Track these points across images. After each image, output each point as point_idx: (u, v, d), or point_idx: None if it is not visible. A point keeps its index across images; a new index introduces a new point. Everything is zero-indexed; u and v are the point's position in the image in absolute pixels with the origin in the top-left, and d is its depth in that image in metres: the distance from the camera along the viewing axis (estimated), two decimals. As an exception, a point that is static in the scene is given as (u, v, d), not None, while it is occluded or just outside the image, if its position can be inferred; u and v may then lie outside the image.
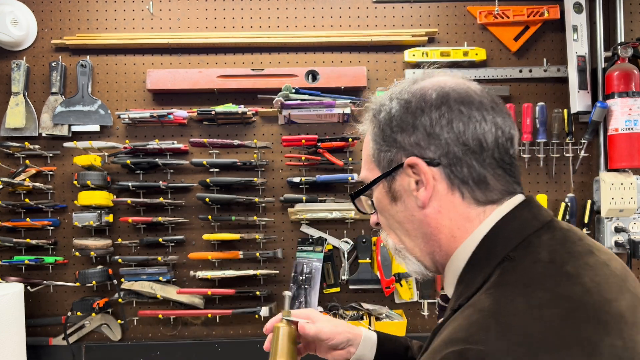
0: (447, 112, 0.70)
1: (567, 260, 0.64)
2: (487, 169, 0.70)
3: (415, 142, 0.72)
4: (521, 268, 0.64)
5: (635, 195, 1.93)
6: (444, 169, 0.71)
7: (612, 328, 0.58)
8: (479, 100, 0.72)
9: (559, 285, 0.61)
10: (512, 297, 0.60)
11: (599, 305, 0.59)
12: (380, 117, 0.77)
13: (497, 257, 0.67)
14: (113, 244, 1.98)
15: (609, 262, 0.68)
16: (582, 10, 1.99)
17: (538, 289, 0.60)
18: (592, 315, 0.58)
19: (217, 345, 1.98)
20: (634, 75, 1.89)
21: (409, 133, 0.72)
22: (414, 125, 0.72)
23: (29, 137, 1.97)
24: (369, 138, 0.80)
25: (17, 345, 1.72)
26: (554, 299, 0.59)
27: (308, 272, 1.96)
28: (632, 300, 0.63)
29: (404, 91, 0.76)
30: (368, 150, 0.79)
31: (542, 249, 0.66)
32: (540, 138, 1.99)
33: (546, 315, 0.57)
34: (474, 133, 0.70)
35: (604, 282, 0.63)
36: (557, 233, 0.69)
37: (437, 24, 2.06)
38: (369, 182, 0.78)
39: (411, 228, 0.76)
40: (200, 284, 2.01)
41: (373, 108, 0.79)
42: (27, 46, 2.01)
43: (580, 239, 0.70)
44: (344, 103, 1.90)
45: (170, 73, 1.96)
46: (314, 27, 2.05)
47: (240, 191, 2.00)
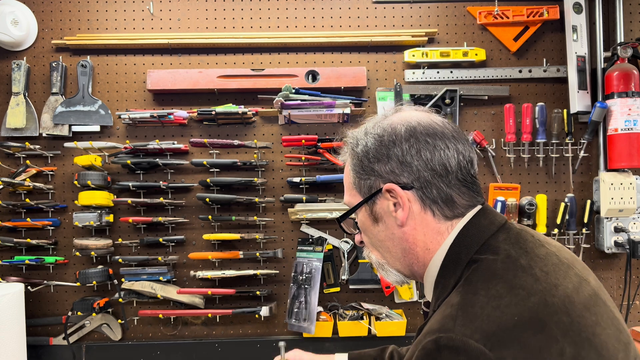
0: (415, 143, 0.82)
1: (520, 255, 0.76)
2: (453, 188, 0.83)
3: (391, 170, 0.83)
4: (483, 267, 0.76)
5: (634, 195, 1.93)
6: (417, 192, 0.83)
7: (559, 307, 0.68)
8: (441, 131, 0.84)
9: (515, 277, 0.72)
10: (475, 291, 0.72)
11: (547, 290, 0.70)
12: (358, 150, 0.88)
13: (463, 261, 0.79)
14: (113, 244, 1.98)
15: (558, 252, 0.80)
16: (582, 10, 1.99)
17: (497, 282, 0.72)
18: (541, 299, 0.69)
19: (218, 345, 1.98)
20: (634, 75, 1.89)
21: (384, 163, 0.84)
22: (388, 155, 0.83)
23: (29, 137, 1.98)
24: (349, 168, 0.91)
25: (18, 345, 1.72)
26: (510, 288, 0.70)
27: (308, 272, 1.96)
28: (578, 283, 0.74)
29: (377, 126, 0.87)
30: (349, 178, 0.91)
31: (499, 248, 0.77)
32: (540, 138, 2.00)
33: (503, 303, 0.68)
34: (439, 159, 0.82)
35: (552, 271, 0.74)
36: (511, 233, 0.81)
37: (437, 24, 2.06)
38: (353, 206, 0.90)
39: (392, 245, 0.88)
40: (200, 283, 2.01)
41: (351, 142, 0.91)
42: (28, 46, 2.01)
43: (532, 236, 0.82)
44: (344, 103, 1.91)
45: (171, 73, 1.96)
46: (314, 27, 2.05)
47: (240, 191, 2.00)
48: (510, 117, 1.98)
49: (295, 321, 1.92)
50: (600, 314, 0.72)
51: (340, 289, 2.02)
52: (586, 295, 0.73)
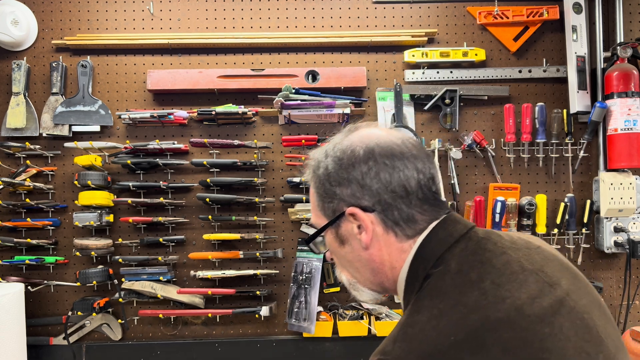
0: (374, 165, 0.81)
1: (473, 267, 0.74)
2: (414, 208, 0.82)
3: (352, 193, 0.82)
4: (433, 283, 0.75)
5: (634, 195, 1.93)
6: (379, 214, 0.82)
7: (503, 323, 0.66)
8: (400, 151, 0.83)
9: (460, 294, 0.71)
10: (419, 310, 0.72)
11: (492, 304, 0.68)
12: (319, 172, 0.87)
13: (420, 277, 0.79)
14: (113, 244, 1.98)
15: (523, 258, 0.77)
16: (582, 10, 1.99)
17: (442, 299, 0.71)
18: (482, 316, 0.67)
19: (218, 345, 1.99)
20: (633, 75, 1.89)
21: (345, 186, 0.83)
22: (348, 179, 0.82)
23: (29, 137, 1.98)
24: (313, 190, 0.90)
25: (18, 345, 1.72)
26: (452, 306, 0.69)
27: (308, 271, 1.96)
28: (538, 291, 0.71)
29: (336, 148, 0.86)
30: (314, 200, 0.90)
31: (452, 262, 0.76)
32: (540, 138, 2.00)
33: (442, 322, 0.68)
34: (399, 181, 0.81)
35: (505, 282, 0.71)
36: (470, 243, 0.79)
37: (436, 24, 2.06)
38: (319, 228, 0.89)
39: (360, 265, 0.87)
40: (200, 283, 2.01)
41: (312, 164, 0.90)
42: (28, 46, 2.01)
43: (495, 243, 0.79)
44: (344, 103, 1.91)
45: (171, 73, 1.97)
46: (314, 27, 2.06)
47: (240, 191, 2.00)
48: (510, 117, 1.98)
49: (295, 321, 1.92)
50: (559, 325, 0.68)
51: (340, 288, 2.02)
52: (545, 305, 0.69)
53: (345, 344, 1.96)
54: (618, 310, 2.03)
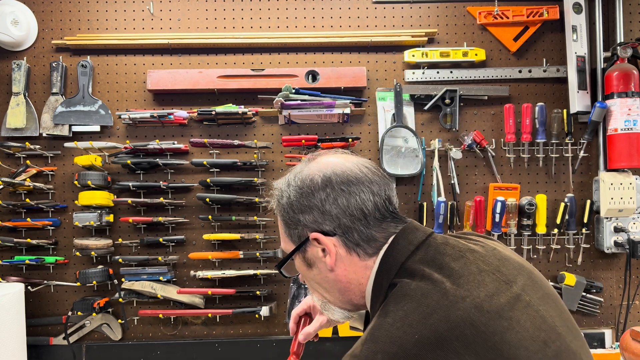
0: (332, 192, 0.87)
1: (433, 271, 0.78)
2: (372, 228, 0.87)
3: (314, 220, 0.88)
4: (398, 288, 0.79)
5: (634, 195, 1.93)
6: (340, 238, 0.87)
7: (463, 320, 0.71)
8: (355, 177, 0.88)
9: (423, 296, 0.75)
10: (386, 314, 0.76)
11: (453, 304, 0.73)
12: (282, 202, 0.92)
13: (384, 287, 0.83)
14: (113, 244, 1.98)
15: (480, 260, 0.82)
16: (582, 10, 1.99)
17: (406, 302, 0.75)
18: (443, 315, 0.71)
19: (218, 345, 1.99)
20: (634, 75, 1.89)
21: (307, 213, 0.88)
22: (309, 206, 0.88)
23: (29, 137, 1.98)
24: (279, 217, 0.95)
25: (18, 345, 1.72)
26: (416, 307, 0.74)
27: (308, 271, 1.96)
28: (495, 289, 0.76)
29: (297, 178, 0.91)
30: (281, 227, 0.95)
31: (414, 270, 0.80)
32: (540, 138, 2.00)
33: (406, 323, 0.72)
34: (356, 205, 0.86)
35: (464, 283, 0.76)
36: (429, 250, 0.84)
37: (436, 24, 2.06)
38: (287, 253, 0.94)
39: (328, 287, 0.93)
40: (200, 283, 2.01)
41: (276, 194, 0.95)
42: (28, 46, 2.01)
43: (453, 247, 0.84)
44: (344, 103, 1.91)
45: (171, 73, 1.97)
46: (314, 27, 2.05)
47: (240, 191, 2.00)
48: (510, 117, 1.98)
49: (295, 321, 1.92)
50: (517, 318, 0.73)
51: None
52: (502, 301, 0.74)
53: (346, 344, 1.96)
54: (618, 310, 2.03)
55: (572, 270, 2.05)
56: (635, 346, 1.74)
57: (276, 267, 0.97)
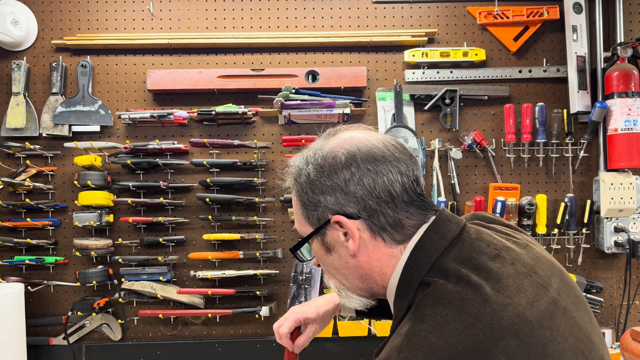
0: (357, 171, 0.79)
1: (470, 273, 0.72)
2: (400, 212, 0.80)
3: (336, 201, 0.80)
4: (433, 290, 0.73)
5: (634, 195, 1.93)
6: (365, 221, 0.80)
7: (507, 331, 0.65)
8: (382, 155, 0.81)
9: (462, 301, 0.69)
10: (422, 319, 0.69)
11: (496, 312, 0.67)
12: (301, 181, 0.84)
13: (415, 284, 0.76)
14: (113, 244, 1.98)
15: (516, 259, 0.77)
16: (582, 10, 1.99)
17: (444, 307, 0.69)
18: (487, 325, 0.66)
19: (218, 345, 1.99)
20: (634, 75, 1.89)
21: (328, 194, 0.81)
22: (332, 186, 0.80)
23: (29, 137, 1.97)
24: (295, 197, 0.87)
25: (18, 345, 1.72)
26: (456, 314, 0.68)
27: (308, 272, 1.96)
28: (534, 294, 0.71)
29: (317, 155, 0.83)
30: (297, 208, 0.87)
31: (449, 269, 0.74)
32: (540, 138, 2.00)
33: (447, 332, 0.66)
34: (383, 186, 0.79)
35: (504, 287, 0.71)
36: (464, 246, 0.78)
37: (437, 24, 2.06)
38: (304, 236, 0.86)
39: (348, 273, 0.85)
40: (200, 283, 2.01)
41: (293, 172, 0.87)
42: (28, 46, 2.01)
43: (488, 245, 0.78)
44: (344, 103, 1.91)
45: (171, 73, 1.97)
46: (314, 27, 2.05)
47: (240, 191, 2.00)
48: (510, 117, 1.98)
49: (295, 321, 1.92)
50: (557, 327, 0.69)
51: (340, 289, 2.02)
52: (542, 308, 0.70)
53: (345, 344, 1.96)
54: (618, 310, 2.03)
55: (572, 270, 2.04)
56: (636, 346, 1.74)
57: (291, 250, 0.89)
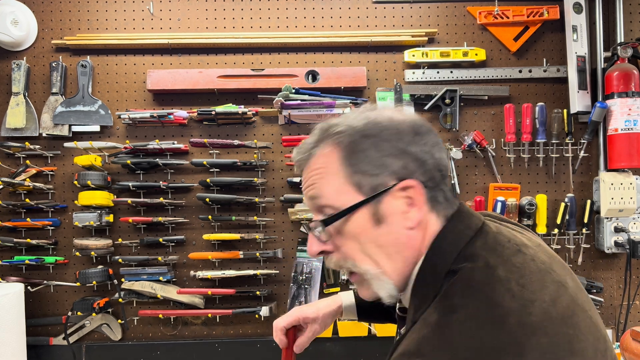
0: (427, 139, 0.77)
1: (497, 264, 0.70)
2: (447, 190, 0.79)
3: (404, 166, 0.75)
4: (460, 279, 0.69)
5: (634, 195, 1.93)
6: (429, 192, 0.76)
7: (537, 327, 0.63)
8: (434, 131, 0.80)
9: (493, 292, 0.66)
10: (453, 309, 0.66)
11: (524, 307, 0.65)
12: (359, 141, 0.76)
13: (442, 272, 0.72)
14: (113, 244, 1.98)
15: (535, 256, 0.74)
16: (582, 10, 1.99)
17: (475, 298, 0.66)
18: (519, 320, 0.64)
19: (218, 345, 1.98)
20: (634, 75, 1.89)
21: (398, 157, 0.75)
22: (404, 150, 0.75)
23: (29, 137, 1.97)
24: (335, 162, 0.77)
25: (18, 345, 1.72)
26: (488, 306, 0.65)
27: (308, 272, 1.96)
28: (556, 291, 0.69)
29: (380, 118, 0.77)
30: (337, 172, 0.76)
31: (476, 257, 0.71)
32: (540, 138, 2.00)
33: (480, 324, 0.63)
34: (442, 160, 0.78)
35: (528, 283, 0.68)
36: (488, 238, 0.75)
37: (437, 24, 2.06)
38: (349, 206, 0.75)
39: (393, 250, 0.76)
40: (200, 283, 2.01)
41: (346, 131, 0.77)
42: (28, 46, 2.01)
43: (509, 240, 0.75)
44: (344, 103, 1.91)
45: (171, 73, 1.96)
46: (314, 27, 2.05)
47: (240, 191, 2.00)
48: (510, 117, 1.98)
49: (295, 321, 1.92)
50: (578, 325, 0.68)
51: (340, 289, 2.02)
52: (564, 305, 0.69)
53: (346, 344, 1.95)
54: (618, 310, 2.03)
55: (572, 270, 2.04)
56: (636, 346, 1.74)
57: (324, 222, 0.76)
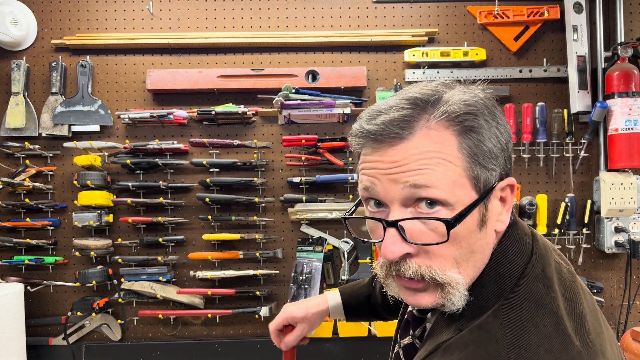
0: (505, 130, 0.67)
1: (552, 274, 0.66)
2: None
3: (503, 162, 0.66)
4: (524, 288, 0.64)
5: (635, 195, 1.93)
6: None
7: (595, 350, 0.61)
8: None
9: (557, 308, 0.63)
10: (523, 326, 0.61)
11: (581, 325, 0.63)
12: (484, 126, 0.64)
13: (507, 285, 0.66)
14: (113, 244, 1.98)
15: (567, 266, 0.71)
16: (582, 10, 1.99)
17: (544, 314, 0.62)
18: (582, 339, 0.61)
19: (217, 345, 1.98)
20: (634, 75, 1.89)
21: (504, 151, 0.66)
22: (507, 144, 0.67)
23: (29, 137, 1.97)
24: (453, 146, 0.63)
25: (17, 345, 1.72)
26: (556, 324, 0.61)
27: (308, 272, 1.96)
28: (590, 304, 0.67)
29: (484, 100, 0.66)
30: (454, 162, 0.62)
31: (535, 264, 0.67)
32: (540, 138, 2.00)
33: (554, 346, 0.59)
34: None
35: (574, 295, 0.66)
36: (539, 243, 0.70)
37: (437, 24, 2.06)
38: (469, 204, 0.63)
39: (479, 258, 0.67)
40: (200, 284, 2.01)
41: (477, 109, 0.64)
42: (27, 46, 2.01)
43: (552, 248, 0.72)
44: (344, 103, 1.90)
45: (170, 73, 1.96)
46: (314, 27, 2.05)
47: (240, 191, 2.00)
48: (511, 117, 1.98)
49: (295, 321, 1.92)
50: (605, 342, 0.65)
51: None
52: (600, 323, 0.66)
53: (346, 344, 1.95)
54: (619, 310, 2.03)
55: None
56: (636, 346, 1.74)
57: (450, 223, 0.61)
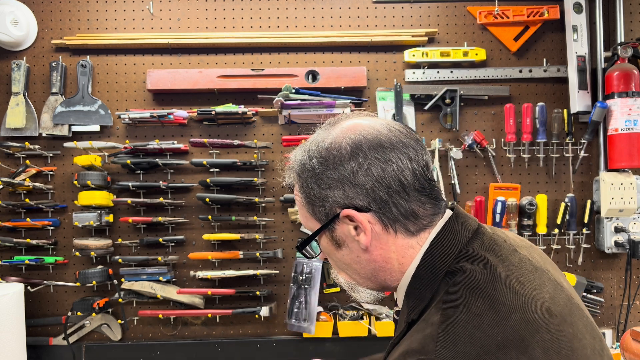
0: (364, 161, 0.75)
1: (497, 264, 0.72)
2: (413, 202, 0.77)
3: (344, 194, 0.77)
4: (462, 279, 0.71)
5: (635, 195, 1.93)
6: (376, 214, 0.77)
7: (540, 324, 0.66)
8: (389, 141, 0.77)
9: (495, 291, 0.68)
10: (456, 308, 0.68)
11: (526, 305, 0.67)
12: (305, 176, 0.81)
13: (440, 272, 0.74)
14: (113, 244, 1.98)
15: (530, 256, 0.77)
16: (582, 10, 1.99)
17: (478, 297, 0.68)
18: (522, 316, 0.66)
19: (217, 345, 1.98)
20: (634, 75, 1.89)
21: (336, 187, 0.77)
22: (339, 179, 0.77)
23: (29, 137, 1.97)
24: (299, 193, 0.84)
25: (18, 345, 1.72)
26: (491, 304, 0.67)
27: (308, 272, 1.96)
28: (553, 290, 0.72)
29: (320, 147, 0.80)
30: (302, 204, 0.84)
31: (475, 258, 0.73)
32: (540, 138, 2.00)
33: (484, 321, 0.65)
34: (393, 175, 0.75)
35: (527, 281, 0.71)
36: (485, 238, 0.77)
37: (437, 24, 2.06)
38: (312, 232, 0.83)
39: (359, 267, 0.82)
40: (200, 284, 2.01)
41: (295, 167, 0.84)
42: (28, 46, 2.01)
43: (505, 240, 0.78)
44: (344, 103, 1.90)
45: (170, 73, 1.96)
46: (314, 27, 2.05)
47: (240, 191, 2.00)
48: (511, 117, 1.98)
49: (295, 321, 1.92)
50: (576, 324, 0.69)
51: (340, 289, 2.01)
52: (562, 304, 0.70)
53: (346, 344, 1.95)
54: (618, 310, 2.03)
55: (572, 270, 2.04)
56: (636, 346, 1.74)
57: (297, 247, 0.87)
